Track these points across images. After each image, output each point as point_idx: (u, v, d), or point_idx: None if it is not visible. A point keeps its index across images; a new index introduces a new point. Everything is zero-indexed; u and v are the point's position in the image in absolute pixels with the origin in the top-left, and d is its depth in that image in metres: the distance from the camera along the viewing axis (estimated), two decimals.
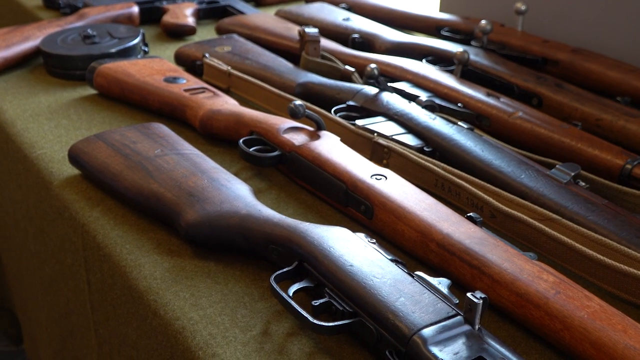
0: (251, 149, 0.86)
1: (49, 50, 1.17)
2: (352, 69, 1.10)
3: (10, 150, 1.01)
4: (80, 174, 0.87)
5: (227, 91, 1.08)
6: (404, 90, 1.03)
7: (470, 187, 0.77)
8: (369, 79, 1.01)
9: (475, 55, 1.14)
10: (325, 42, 1.21)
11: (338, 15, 1.37)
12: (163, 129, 0.90)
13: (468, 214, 0.70)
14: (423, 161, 0.82)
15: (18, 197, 1.04)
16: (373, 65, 1.00)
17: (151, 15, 1.46)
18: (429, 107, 0.96)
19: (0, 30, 1.24)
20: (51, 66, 1.18)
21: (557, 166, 0.81)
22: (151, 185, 0.76)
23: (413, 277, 0.60)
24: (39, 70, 1.21)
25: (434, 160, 0.84)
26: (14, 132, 1.00)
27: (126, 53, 1.19)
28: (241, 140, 0.87)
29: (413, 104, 0.96)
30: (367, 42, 1.26)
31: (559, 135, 0.91)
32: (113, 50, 1.18)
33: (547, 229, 0.70)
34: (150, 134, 0.87)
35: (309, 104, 0.95)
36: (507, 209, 0.73)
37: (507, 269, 0.62)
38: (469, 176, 0.80)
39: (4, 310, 1.59)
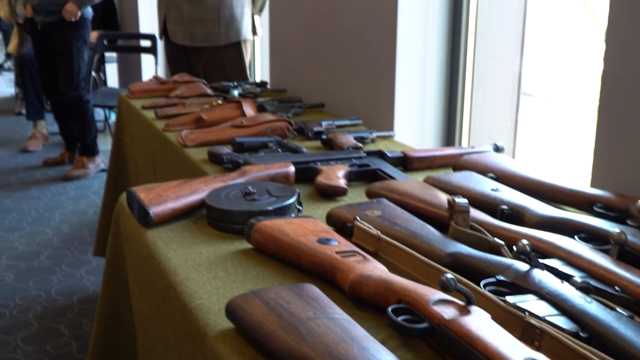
0: (399, 318, 0.86)
1: (213, 204, 1.27)
2: (502, 242, 1.10)
3: (170, 297, 1.08)
4: (234, 328, 0.91)
5: (375, 255, 1.11)
6: (556, 269, 1.01)
7: None
8: (519, 254, 1.00)
9: (632, 236, 1.10)
10: (474, 212, 1.22)
11: (486, 185, 1.39)
12: (315, 291, 0.93)
13: None
14: (579, 348, 0.79)
15: (172, 342, 1.09)
16: (525, 241, 1.00)
17: (305, 175, 1.55)
18: (584, 288, 0.93)
19: (172, 183, 1.36)
20: (213, 219, 1.27)
21: None
22: (303, 348, 0.78)
23: None
24: (202, 221, 1.31)
25: (591, 348, 0.80)
26: (176, 281, 1.07)
27: (282, 211, 1.26)
28: (390, 309, 0.88)
29: (566, 284, 0.94)
30: (516, 215, 1.26)
31: None
32: (270, 207, 1.25)
33: None
34: (303, 295, 0.90)
35: (458, 277, 0.95)
36: None
37: None
38: None
39: None
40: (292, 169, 1.53)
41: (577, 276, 0.97)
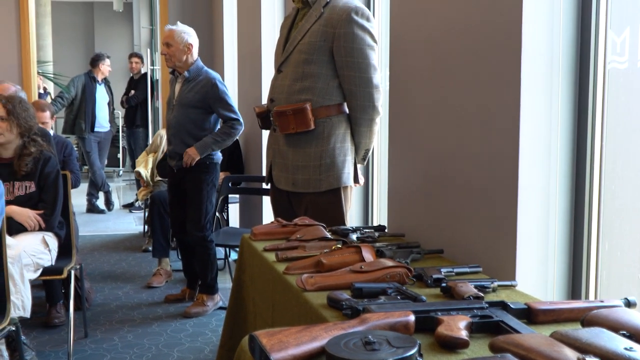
0: None
1: (333, 353, 1.27)
2: None
3: None
4: None
5: None
6: None
7: None
8: None
9: None
10: None
11: (619, 344, 1.32)
12: None
13: None
14: None
15: None
16: None
17: (425, 324, 1.53)
18: None
19: (293, 329, 1.38)
20: None
21: None
22: None
23: None
24: None
25: None
26: None
27: None
28: None
29: None
30: None
31: None
32: (391, 359, 1.24)
33: None
34: None
35: None
36: None
37: None
38: None
39: None
40: (412, 318, 1.51)
41: None
